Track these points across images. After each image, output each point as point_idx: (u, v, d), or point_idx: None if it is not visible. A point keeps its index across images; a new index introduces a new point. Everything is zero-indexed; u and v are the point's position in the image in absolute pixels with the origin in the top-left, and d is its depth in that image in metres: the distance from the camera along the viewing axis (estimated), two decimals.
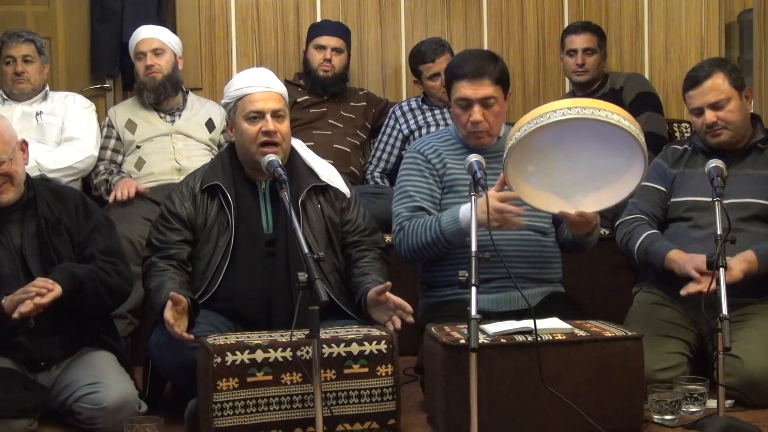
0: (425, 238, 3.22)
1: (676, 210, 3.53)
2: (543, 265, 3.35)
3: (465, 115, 3.30)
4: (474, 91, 3.27)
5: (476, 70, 3.27)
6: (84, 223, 3.12)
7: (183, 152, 4.33)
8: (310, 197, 3.24)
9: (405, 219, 3.31)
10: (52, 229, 3.05)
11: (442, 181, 3.35)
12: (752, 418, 3.00)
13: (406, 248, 3.29)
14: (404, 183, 3.39)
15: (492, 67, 3.29)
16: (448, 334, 2.91)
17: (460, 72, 3.30)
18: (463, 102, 3.30)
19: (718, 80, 3.42)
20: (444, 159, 3.37)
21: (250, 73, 3.28)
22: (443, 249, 3.23)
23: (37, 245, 3.03)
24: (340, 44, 4.73)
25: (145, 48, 4.39)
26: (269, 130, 3.14)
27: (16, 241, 3.01)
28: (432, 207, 3.33)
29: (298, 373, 2.79)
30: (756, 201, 3.42)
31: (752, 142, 3.50)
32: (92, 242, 3.11)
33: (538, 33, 5.20)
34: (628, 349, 2.93)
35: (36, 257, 3.02)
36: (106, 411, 2.91)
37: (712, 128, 3.43)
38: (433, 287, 3.40)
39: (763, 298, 3.41)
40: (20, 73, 4.33)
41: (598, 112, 2.91)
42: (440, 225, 3.19)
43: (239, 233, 3.16)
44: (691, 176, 3.51)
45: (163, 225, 3.21)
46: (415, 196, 3.33)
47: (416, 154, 3.41)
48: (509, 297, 3.27)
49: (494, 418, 2.79)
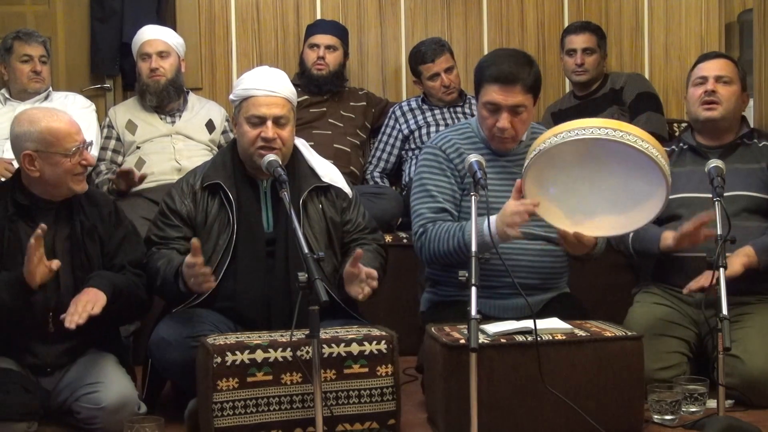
0: (448, 247, 3.13)
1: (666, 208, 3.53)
2: (552, 276, 3.31)
3: (492, 119, 3.18)
4: (504, 98, 3.13)
5: (509, 76, 3.12)
6: (115, 232, 3.11)
7: (183, 152, 4.32)
8: (312, 197, 3.24)
9: (429, 221, 3.22)
10: (86, 234, 3.04)
11: (462, 181, 3.25)
12: (752, 418, 3.00)
13: (427, 252, 3.21)
14: (425, 181, 3.27)
15: (526, 73, 3.14)
16: (448, 334, 2.91)
17: (492, 74, 3.15)
18: (492, 107, 3.16)
19: (730, 64, 3.61)
20: (463, 156, 3.21)
21: (260, 73, 3.24)
22: (465, 258, 3.07)
23: (69, 248, 3.01)
24: (334, 42, 4.72)
25: (150, 50, 4.38)
26: (267, 137, 3.13)
27: (48, 242, 2.93)
28: (454, 208, 3.24)
29: (298, 373, 2.79)
30: (744, 193, 3.46)
31: (738, 137, 3.57)
32: (122, 252, 3.10)
33: (538, 33, 5.20)
34: (628, 349, 2.93)
35: (67, 261, 2.98)
36: (105, 411, 2.91)
37: (710, 96, 3.51)
38: (438, 285, 3.36)
39: (761, 297, 3.42)
40: (39, 72, 4.35)
41: (627, 136, 2.83)
42: (464, 236, 3.09)
43: (240, 232, 3.15)
44: (679, 174, 3.54)
45: (162, 221, 3.21)
46: (438, 196, 3.24)
47: (437, 150, 3.29)
48: (516, 304, 3.19)
49: (494, 418, 2.79)
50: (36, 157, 2.94)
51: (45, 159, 2.95)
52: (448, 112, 4.73)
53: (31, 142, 2.95)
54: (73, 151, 2.96)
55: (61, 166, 2.95)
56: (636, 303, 3.57)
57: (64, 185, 2.99)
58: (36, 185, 3.00)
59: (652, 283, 3.57)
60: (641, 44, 5.24)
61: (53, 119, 2.98)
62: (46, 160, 2.95)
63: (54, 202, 3.03)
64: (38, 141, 2.94)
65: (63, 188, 3.00)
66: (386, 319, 3.39)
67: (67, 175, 2.97)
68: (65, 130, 2.96)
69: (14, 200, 3.00)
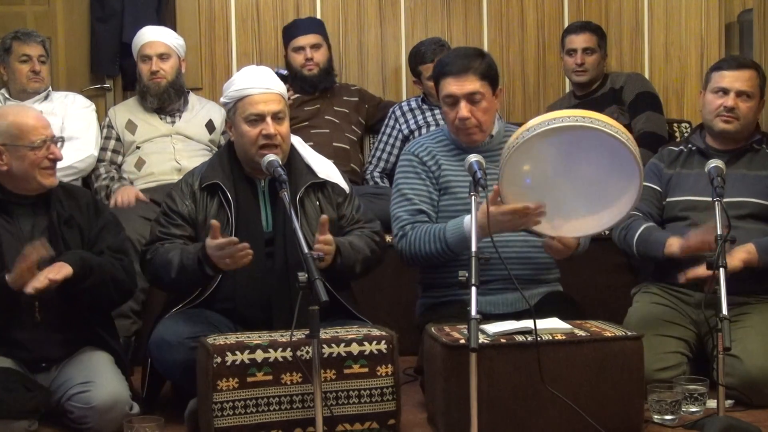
0: (430, 248, 3.21)
1: (671, 210, 3.55)
2: (541, 267, 3.35)
3: (453, 112, 3.30)
4: (459, 87, 3.26)
5: (461, 67, 3.27)
6: (95, 221, 3.15)
7: (183, 153, 4.32)
8: (309, 194, 3.24)
9: (407, 223, 3.30)
10: (64, 224, 3.08)
11: (438, 183, 3.34)
12: (752, 418, 3.00)
13: (409, 255, 3.28)
14: (402, 186, 3.38)
15: (477, 62, 3.28)
16: (448, 334, 2.91)
17: (446, 69, 3.30)
18: (450, 99, 3.29)
19: (754, 75, 3.51)
20: (438, 160, 3.36)
21: (250, 72, 3.26)
22: (448, 258, 3.21)
23: (48, 238, 3.03)
24: (317, 40, 4.71)
25: (150, 51, 4.37)
26: (270, 134, 3.14)
27: (26, 234, 3.03)
28: (431, 209, 3.32)
29: (298, 373, 2.79)
30: (751, 200, 3.45)
31: (748, 142, 3.54)
32: (102, 239, 3.14)
33: (538, 33, 5.20)
34: (628, 349, 2.93)
35: None
36: (96, 410, 2.92)
37: (730, 112, 3.46)
38: (431, 288, 3.39)
39: (760, 297, 3.42)
40: (38, 72, 4.35)
41: (596, 122, 2.90)
42: (445, 236, 3.17)
43: (239, 232, 3.15)
44: (687, 176, 3.54)
45: (166, 221, 3.22)
46: (414, 198, 3.32)
47: (411, 156, 3.40)
48: (506, 299, 3.26)
49: (494, 418, 2.79)
50: (3, 151, 3.03)
51: (12, 152, 3.02)
52: None
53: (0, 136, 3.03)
54: (37, 144, 3.03)
55: (28, 159, 3.03)
56: (635, 303, 3.57)
57: (33, 179, 3.04)
58: (7, 180, 3.06)
59: (652, 283, 3.57)
60: (641, 44, 5.24)
61: (20, 114, 3.09)
62: (13, 153, 3.02)
63: (29, 197, 3.08)
64: (5, 135, 3.03)
65: (32, 182, 3.05)
66: (386, 319, 3.39)
67: (34, 169, 3.03)
68: (31, 125, 3.05)
69: None
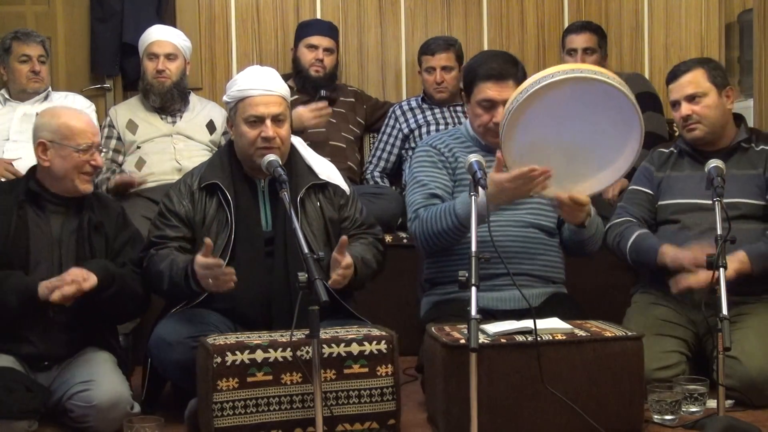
0: (441, 225, 3.19)
1: (663, 213, 3.55)
2: (546, 264, 3.35)
3: (487, 116, 3.31)
4: (499, 93, 3.27)
5: (502, 72, 3.28)
6: (121, 233, 3.21)
7: (183, 153, 4.32)
8: (309, 195, 3.24)
9: (421, 207, 3.30)
10: (93, 229, 3.13)
11: (454, 174, 3.36)
12: (752, 418, 3.00)
13: (422, 235, 3.27)
14: (417, 173, 3.39)
15: (515, 69, 3.32)
16: (448, 334, 2.91)
17: (484, 73, 3.30)
18: (487, 103, 3.30)
19: (697, 75, 3.49)
20: (456, 154, 3.37)
21: (253, 73, 3.24)
22: (460, 234, 3.19)
23: (75, 241, 3.09)
24: (331, 45, 4.73)
25: (158, 50, 4.38)
26: (268, 137, 3.14)
27: (55, 232, 3.10)
28: (446, 195, 3.32)
29: (298, 373, 2.79)
30: (742, 201, 3.44)
31: (736, 141, 3.52)
32: (125, 253, 3.19)
33: (538, 33, 5.20)
34: (628, 349, 2.93)
35: (72, 252, 3.09)
36: (96, 409, 2.92)
37: (686, 122, 3.48)
38: (437, 284, 3.39)
39: (758, 297, 3.41)
40: (37, 72, 4.35)
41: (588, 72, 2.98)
42: (455, 209, 3.16)
43: (238, 232, 3.15)
44: (676, 179, 3.54)
45: (162, 222, 3.22)
46: (430, 184, 3.34)
47: (429, 147, 3.42)
48: (514, 295, 3.25)
49: (494, 418, 2.80)
50: (49, 147, 3.10)
51: (57, 150, 3.10)
52: (448, 111, 4.74)
53: (48, 132, 3.11)
54: (83, 147, 3.10)
55: (70, 160, 3.09)
56: (634, 303, 3.58)
57: (70, 181, 3.11)
58: (46, 177, 3.13)
59: (650, 284, 3.57)
60: (641, 44, 5.25)
61: (73, 116, 3.17)
62: (58, 152, 3.10)
63: (63, 198, 3.13)
64: (54, 132, 3.11)
65: (69, 184, 3.11)
66: (386, 319, 3.39)
67: (74, 171, 3.10)
68: (81, 128, 3.13)
69: (27, 188, 3.12)
